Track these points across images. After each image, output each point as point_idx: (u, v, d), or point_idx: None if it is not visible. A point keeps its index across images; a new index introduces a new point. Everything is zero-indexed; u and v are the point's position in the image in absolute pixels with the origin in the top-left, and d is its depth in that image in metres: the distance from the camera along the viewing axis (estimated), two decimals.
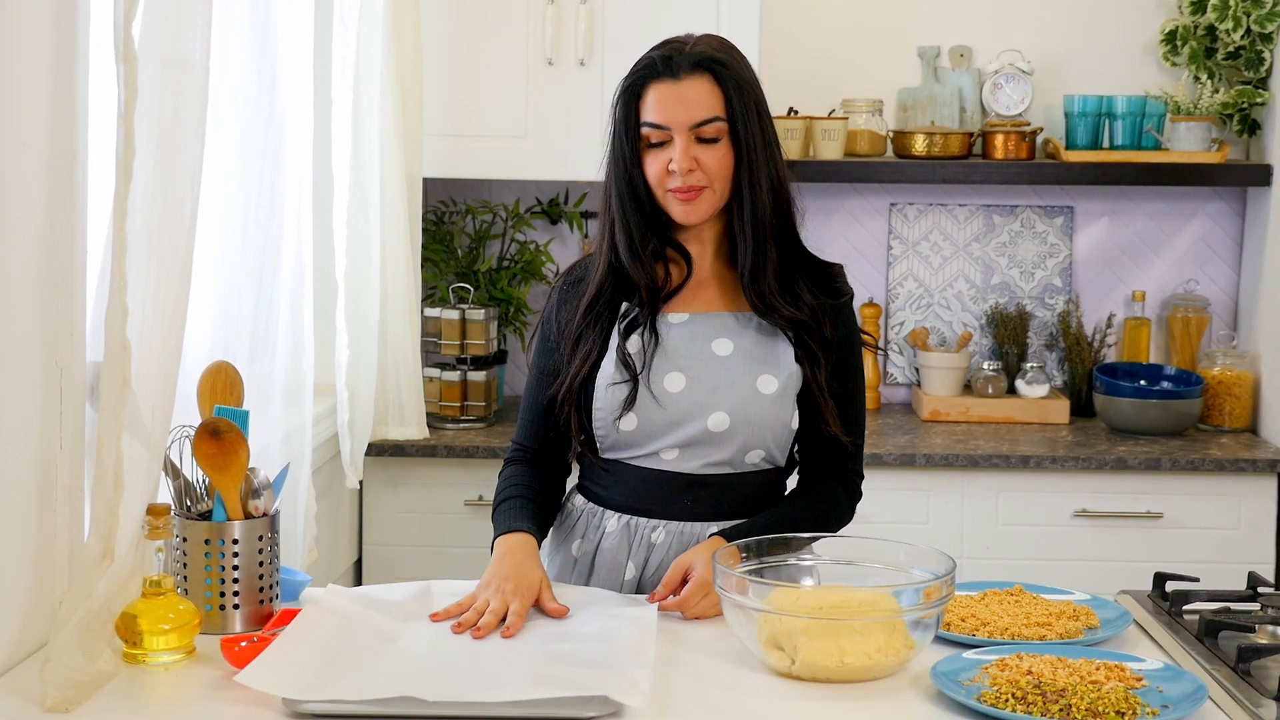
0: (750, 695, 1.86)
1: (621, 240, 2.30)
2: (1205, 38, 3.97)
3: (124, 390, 1.86)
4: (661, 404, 2.27)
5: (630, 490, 2.32)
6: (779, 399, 2.29)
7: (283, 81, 2.71)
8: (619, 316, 2.32)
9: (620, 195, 2.29)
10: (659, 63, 2.25)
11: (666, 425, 2.27)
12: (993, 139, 3.98)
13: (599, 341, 2.31)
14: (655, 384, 2.28)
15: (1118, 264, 4.20)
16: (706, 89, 2.23)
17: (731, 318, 2.32)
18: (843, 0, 4.16)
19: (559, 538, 2.42)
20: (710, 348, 2.30)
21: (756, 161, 2.25)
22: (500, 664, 1.90)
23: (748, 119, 2.24)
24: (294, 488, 2.89)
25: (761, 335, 2.31)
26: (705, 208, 2.27)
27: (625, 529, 2.32)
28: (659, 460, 2.29)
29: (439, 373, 3.84)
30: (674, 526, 2.30)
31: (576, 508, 2.40)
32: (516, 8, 3.76)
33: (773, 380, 2.29)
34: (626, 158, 2.27)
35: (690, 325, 2.32)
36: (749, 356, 2.30)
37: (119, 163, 1.83)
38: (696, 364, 2.29)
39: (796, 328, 2.30)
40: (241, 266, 2.63)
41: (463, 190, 4.18)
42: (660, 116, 2.24)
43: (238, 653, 1.91)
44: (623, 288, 2.32)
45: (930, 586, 1.92)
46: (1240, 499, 3.65)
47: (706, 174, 2.24)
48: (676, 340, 2.31)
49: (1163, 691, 1.83)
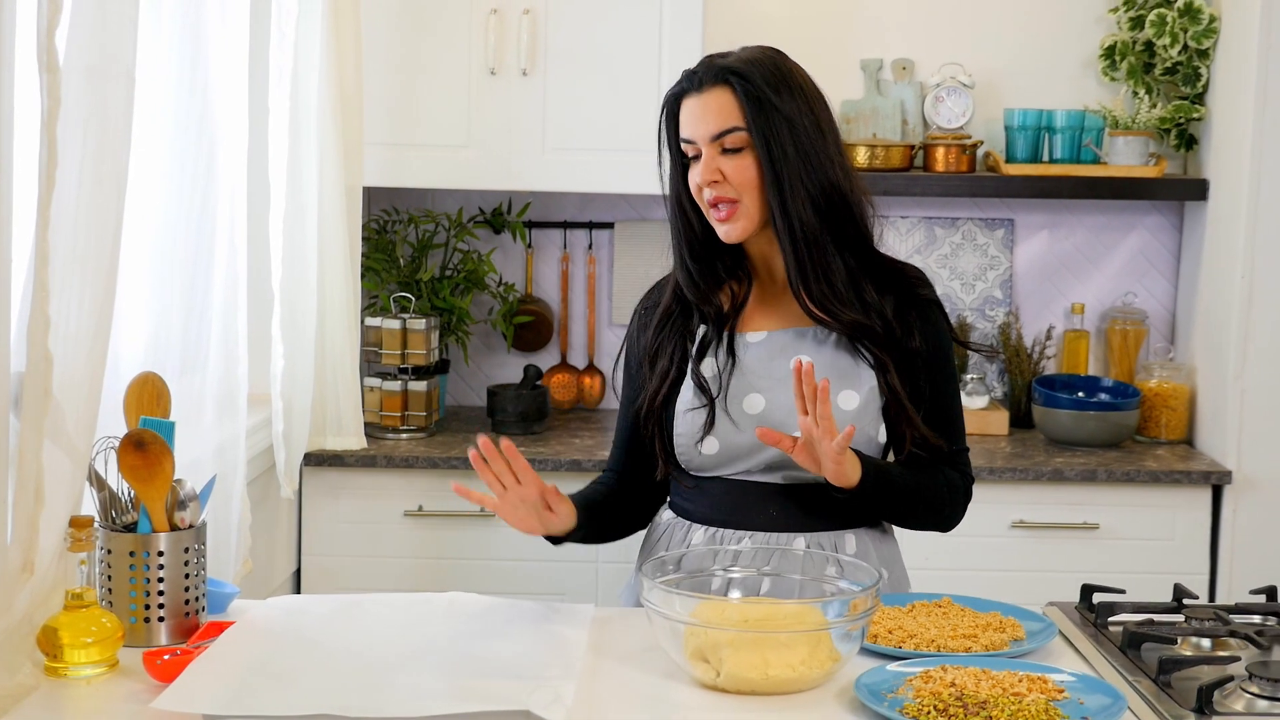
0: (675, 708, 1.86)
1: (678, 260, 2.32)
2: (1144, 53, 4.01)
3: (45, 401, 1.84)
4: (740, 427, 2.25)
5: (715, 503, 2.31)
6: (861, 414, 2.26)
7: (215, 90, 2.70)
8: (692, 338, 2.31)
9: (673, 213, 2.32)
10: (686, 78, 2.27)
11: (749, 448, 2.26)
12: (934, 152, 4.01)
13: (676, 361, 2.31)
14: (733, 407, 2.26)
15: (1057, 276, 4.23)
16: (725, 100, 2.22)
17: (811, 332, 2.30)
18: (785, 12, 4.18)
19: (645, 553, 2.40)
20: (789, 366, 2.25)
21: (786, 171, 2.20)
22: (424, 676, 1.89)
23: (771, 129, 2.20)
24: (227, 499, 2.87)
25: (841, 349, 2.28)
26: (741, 223, 2.24)
27: (711, 540, 2.31)
28: (746, 474, 2.29)
29: (380, 382, 3.83)
30: (760, 536, 2.28)
31: (663, 522, 2.39)
32: (459, 17, 3.76)
33: (854, 395, 2.26)
34: (673, 174, 2.30)
35: (768, 343, 2.30)
36: (829, 371, 2.26)
37: (42, 172, 1.82)
38: (775, 384, 2.27)
39: (860, 332, 2.26)
40: (172, 276, 2.61)
41: (405, 199, 4.17)
42: (687, 130, 2.25)
43: (160, 666, 1.90)
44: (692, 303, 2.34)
45: (856, 599, 1.92)
46: (1175, 511, 3.68)
47: (734, 185, 2.22)
48: (753, 360, 2.29)
49: (1083, 703, 1.84)
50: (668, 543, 2.36)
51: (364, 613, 2.15)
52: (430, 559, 3.66)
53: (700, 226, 2.30)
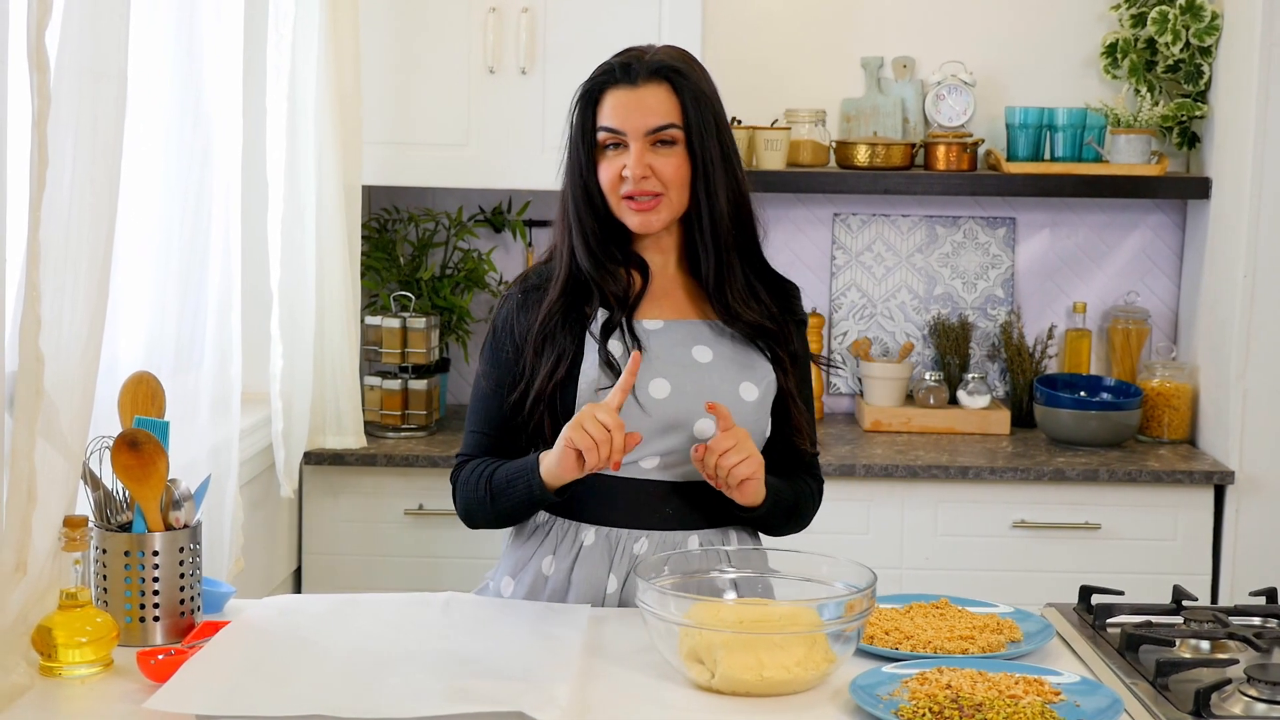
0: (670, 709, 1.85)
1: (580, 248, 2.29)
2: (1145, 51, 4.00)
3: (37, 400, 1.84)
4: (647, 410, 2.24)
5: (608, 500, 2.27)
6: (758, 407, 2.29)
7: (210, 88, 2.69)
8: (594, 320, 2.29)
9: (577, 202, 2.29)
10: (618, 69, 2.26)
11: (651, 432, 2.24)
12: (935, 150, 4.00)
13: (572, 345, 2.27)
14: (640, 390, 2.25)
15: (1059, 275, 4.22)
16: (664, 97, 2.24)
17: (707, 325, 2.32)
18: (786, 10, 4.17)
19: (523, 556, 2.33)
20: (691, 354, 2.29)
21: (713, 172, 2.25)
22: (418, 677, 1.88)
23: (704, 129, 2.24)
24: (220, 498, 2.86)
25: (738, 344, 2.32)
26: (663, 216, 2.26)
27: (605, 541, 2.27)
28: (639, 469, 2.26)
29: (380, 381, 3.82)
30: (655, 536, 2.27)
31: (542, 522, 2.32)
32: (458, 16, 3.75)
33: (753, 388, 2.29)
34: (582, 164, 2.27)
35: (667, 331, 2.31)
36: (730, 364, 2.29)
37: (33, 172, 1.82)
38: (680, 370, 2.28)
39: (763, 335, 2.31)
40: (167, 276, 2.60)
41: (405, 198, 4.17)
42: (616, 121, 2.24)
43: (154, 666, 1.89)
44: (582, 295, 2.30)
45: (852, 600, 1.92)
46: (1177, 511, 3.67)
47: (662, 180, 2.24)
48: (656, 346, 2.29)
49: (1080, 706, 1.83)
50: (554, 545, 2.29)
51: (359, 612, 2.14)
52: (431, 558, 3.65)
53: (607, 215, 2.29)
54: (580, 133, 2.27)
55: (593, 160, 2.27)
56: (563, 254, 2.32)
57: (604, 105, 2.25)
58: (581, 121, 2.27)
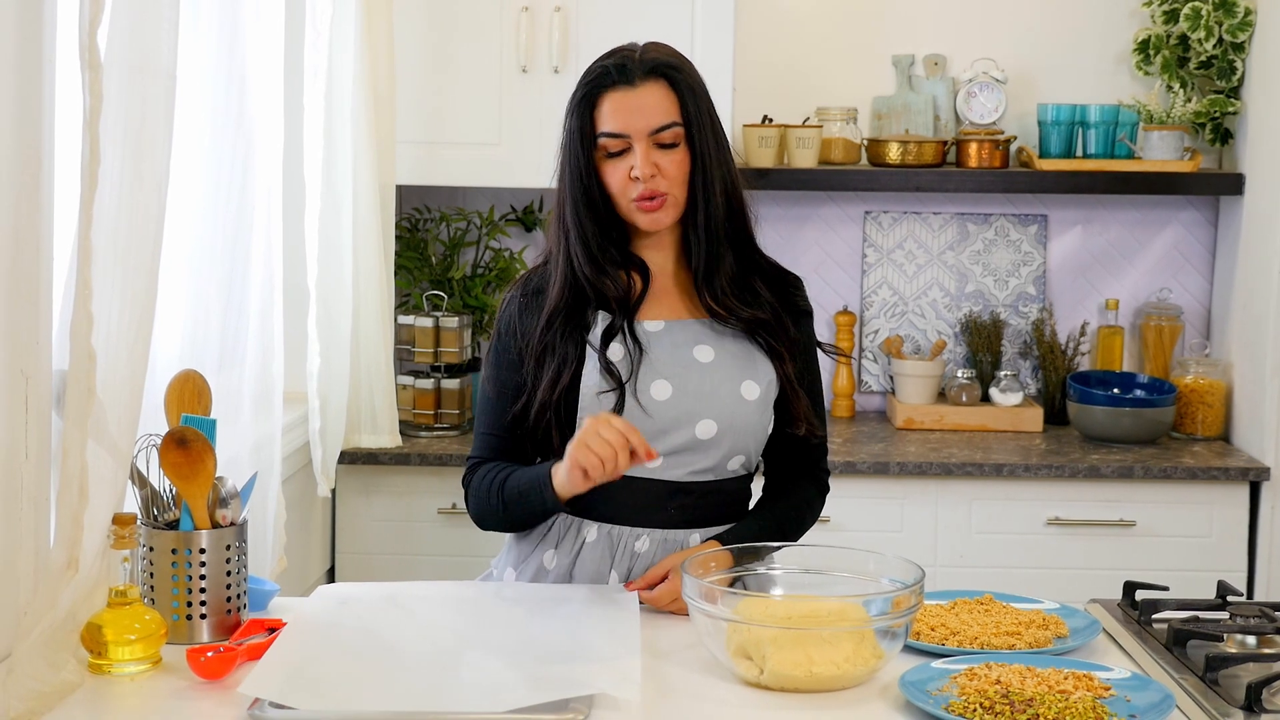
0: (718, 705, 1.85)
1: (580, 252, 2.27)
2: (1178, 47, 3.98)
3: (89, 399, 1.84)
4: (649, 412, 2.25)
5: (611, 499, 2.28)
6: (761, 404, 2.30)
7: (252, 88, 2.70)
8: (595, 325, 2.29)
9: (577, 207, 2.27)
10: (613, 71, 2.24)
11: (654, 434, 2.24)
12: (966, 147, 3.99)
13: (575, 351, 2.28)
14: (641, 392, 2.26)
15: (1091, 272, 4.21)
16: (663, 95, 2.24)
17: (708, 324, 2.32)
18: (817, 9, 4.17)
19: (526, 548, 2.36)
20: (692, 354, 2.30)
21: (711, 165, 2.26)
22: (494, 667, 1.89)
23: (701, 123, 2.26)
24: (263, 496, 2.87)
25: (739, 342, 2.32)
26: (671, 213, 2.27)
27: (607, 538, 2.30)
28: (642, 469, 2.25)
29: (412, 380, 3.83)
30: (657, 534, 2.29)
31: None
32: (490, 15, 3.76)
33: (755, 386, 2.30)
34: (583, 169, 2.26)
35: (668, 333, 2.31)
36: (731, 363, 2.30)
37: (84, 170, 1.82)
38: (681, 371, 2.28)
39: (758, 327, 2.31)
40: (210, 274, 2.61)
41: (437, 197, 4.17)
42: (619, 125, 2.23)
43: (203, 663, 1.89)
44: (582, 299, 2.30)
45: (899, 596, 1.91)
46: (1212, 507, 3.66)
47: (667, 179, 2.24)
48: (658, 348, 2.29)
49: (1130, 701, 1.83)
50: (557, 539, 2.32)
51: (415, 600, 2.17)
52: (463, 557, 3.66)
53: (608, 218, 2.28)
54: (579, 136, 2.26)
55: (594, 166, 2.26)
56: (559, 260, 2.31)
57: (602, 108, 2.24)
58: (580, 127, 2.26)
